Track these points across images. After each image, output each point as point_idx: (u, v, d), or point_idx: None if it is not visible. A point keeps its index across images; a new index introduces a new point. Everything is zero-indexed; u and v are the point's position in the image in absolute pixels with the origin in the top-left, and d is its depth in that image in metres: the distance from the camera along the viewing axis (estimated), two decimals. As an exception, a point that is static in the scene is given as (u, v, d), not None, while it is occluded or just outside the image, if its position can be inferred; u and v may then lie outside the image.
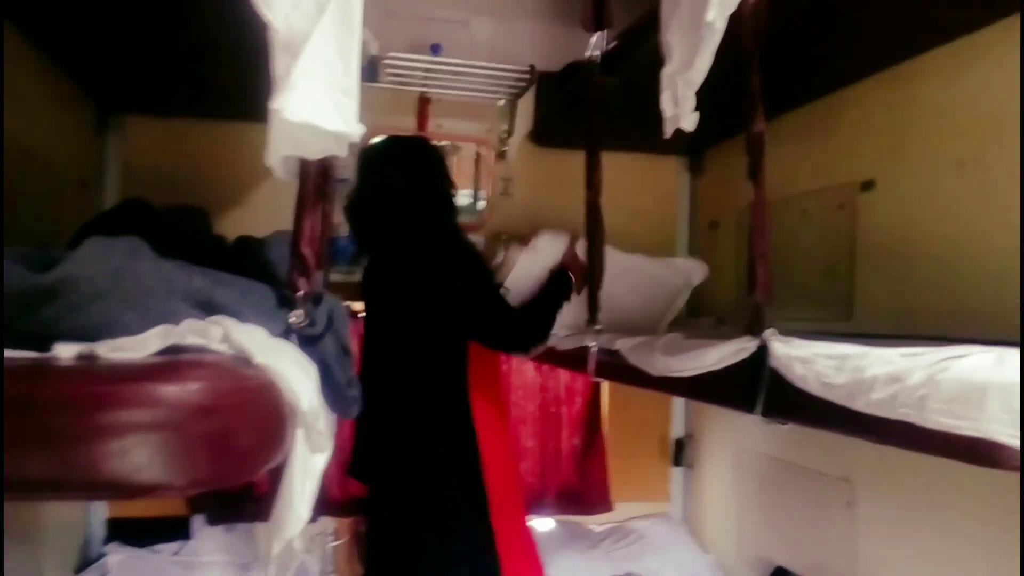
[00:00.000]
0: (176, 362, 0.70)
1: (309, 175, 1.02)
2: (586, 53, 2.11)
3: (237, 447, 0.69)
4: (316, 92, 0.89)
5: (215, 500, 2.74)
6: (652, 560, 2.85)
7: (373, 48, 2.44)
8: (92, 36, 1.99)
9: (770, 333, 1.34)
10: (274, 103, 0.87)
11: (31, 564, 2.15)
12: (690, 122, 1.48)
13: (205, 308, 0.85)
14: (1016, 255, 1.61)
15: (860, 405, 1.10)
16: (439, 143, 2.70)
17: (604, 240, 2.08)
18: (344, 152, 1.00)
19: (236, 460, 0.69)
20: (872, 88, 2.15)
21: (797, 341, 1.30)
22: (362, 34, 0.96)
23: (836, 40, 1.92)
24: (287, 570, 0.88)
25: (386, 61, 2.63)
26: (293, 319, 0.97)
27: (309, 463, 0.85)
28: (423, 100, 2.87)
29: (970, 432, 0.93)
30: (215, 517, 2.75)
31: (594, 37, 2.08)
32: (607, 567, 2.81)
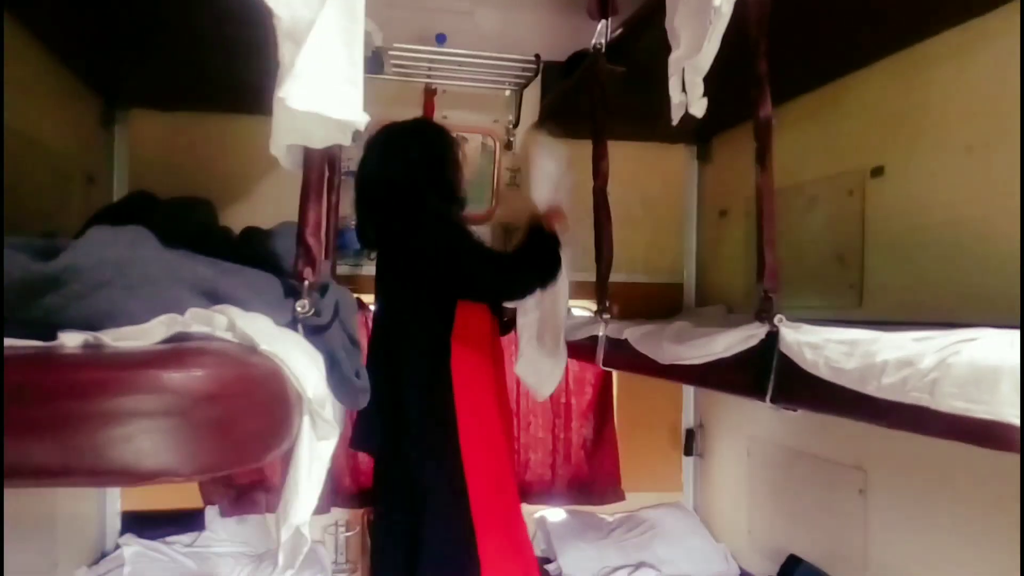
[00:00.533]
0: (181, 349, 0.70)
1: (314, 165, 1.02)
2: (592, 41, 2.10)
3: (242, 433, 0.70)
4: (321, 81, 0.89)
5: (228, 492, 2.76)
6: (664, 549, 2.85)
7: (377, 39, 2.43)
8: (97, 31, 2.00)
9: (779, 319, 1.34)
10: (279, 91, 0.87)
11: (46, 556, 2.17)
12: (699, 108, 1.48)
13: (210, 297, 0.85)
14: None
15: (871, 389, 1.09)
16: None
17: (611, 228, 2.08)
18: (348, 141, 1.00)
19: (241, 446, 0.69)
20: (880, 73, 2.13)
21: (806, 327, 1.30)
22: (366, 24, 0.96)
23: (844, 25, 1.90)
24: (297, 557, 0.88)
25: (391, 52, 2.62)
26: (299, 309, 0.97)
27: (316, 450, 0.85)
28: (429, 91, 2.86)
29: (984, 415, 0.92)
30: (228, 509, 2.76)
31: (599, 25, 2.08)
32: (619, 557, 2.80)
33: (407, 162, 2.15)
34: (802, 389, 1.26)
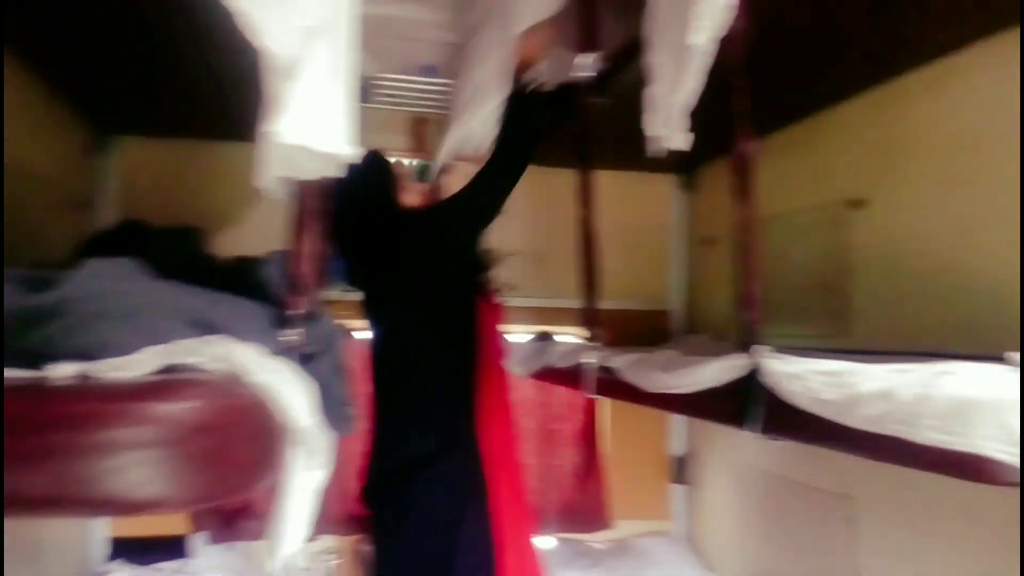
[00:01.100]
0: (172, 381, 0.71)
1: (303, 195, 1.03)
2: (577, 73, 2.13)
3: (232, 464, 0.70)
4: (309, 114, 0.90)
5: (216, 519, 2.74)
6: (655, 579, 2.84)
7: (370, 69, 2.45)
8: (87, 59, 2.01)
9: (762, 350, 1.35)
10: (267, 126, 0.88)
11: (31, 583, 2.15)
12: (683, 142, 1.50)
13: (201, 327, 0.85)
14: (1008, 268, 1.63)
15: (852, 421, 1.10)
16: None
17: (599, 257, 2.09)
18: (338, 173, 1.01)
19: (232, 476, 0.70)
20: (861, 107, 2.17)
21: (790, 357, 1.31)
22: (359, 55, 0.98)
23: (824, 60, 1.95)
24: (284, 588, 0.88)
25: (377, 83, 2.63)
26: (288, 338, 0.98)
27: (306, 480, 0.85)
28: (419, 121, 2.87)
29: (963, 448, 0.93)
30: (217, 535, 2.74)
31: (585, 57, 2.10)
32: (609, 585, 2.80)
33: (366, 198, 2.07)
34: (785, 419, 1.27)
